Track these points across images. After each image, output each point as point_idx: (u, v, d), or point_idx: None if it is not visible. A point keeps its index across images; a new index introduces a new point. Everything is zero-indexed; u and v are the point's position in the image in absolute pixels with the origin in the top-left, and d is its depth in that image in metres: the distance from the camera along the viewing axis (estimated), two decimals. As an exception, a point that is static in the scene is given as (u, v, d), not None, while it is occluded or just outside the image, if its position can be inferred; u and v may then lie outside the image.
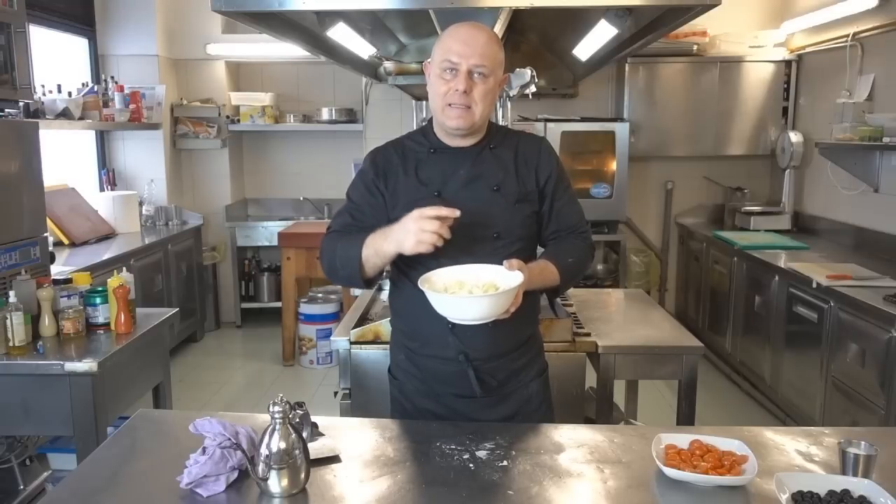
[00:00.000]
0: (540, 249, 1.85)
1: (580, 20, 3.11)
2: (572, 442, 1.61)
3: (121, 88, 5.02)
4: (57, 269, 3.25)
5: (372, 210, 1.75)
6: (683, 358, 2.49)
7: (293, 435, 1.35)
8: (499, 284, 1.56)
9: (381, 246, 1.62)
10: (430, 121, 1.78)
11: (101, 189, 5.26)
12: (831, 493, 1.30)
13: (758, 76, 5.19)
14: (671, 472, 1.40)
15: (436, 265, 1.61)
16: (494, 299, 1.50)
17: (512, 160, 1.75)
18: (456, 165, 1.72)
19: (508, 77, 2.52)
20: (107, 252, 4.28)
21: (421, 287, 1.53)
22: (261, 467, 1.34)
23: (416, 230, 1.53)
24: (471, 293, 1.55)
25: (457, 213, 1.55)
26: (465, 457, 1.52)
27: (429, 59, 1.72)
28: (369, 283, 1.74)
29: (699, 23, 4.71)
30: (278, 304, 5.29)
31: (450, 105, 1.65)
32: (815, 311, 3.48)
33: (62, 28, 4.95)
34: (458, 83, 1.62)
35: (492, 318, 1.53)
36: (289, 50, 5.01)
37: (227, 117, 5.78)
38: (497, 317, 1.53)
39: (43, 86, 4.23)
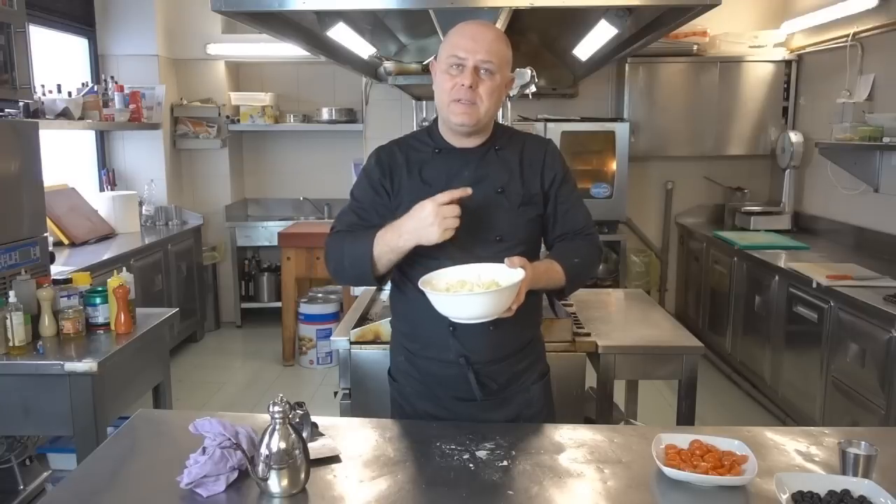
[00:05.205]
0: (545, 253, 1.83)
1: (580, 20, 3.10)
2: (572, 442, 1.60)
3: (121, 88, 5.02)
4: (57, 269, 3.24)
5: (377, 209, 1.74)
6: (683, 358, 2.49)
7: (293, 435, 1.35)
8: (501, 282, 1.54)
9: (396, 242, 1.58)
10: (436, 121, 1.77)
11: (101, 189, 5.26)
12: (831, 493, 1.30)
13: (758, 76, 5.19)
14: (671, 472, 1.40)
15: (437, 266, 1.60)
16: (496, 296, 1.49)
17: (517, 162, 1.73)
18: (461, 166, 1.71)
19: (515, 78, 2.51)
20: (107, 252, 4.27)
21: (422, 288, 1.52)
22: (261, 467, 1.34)
23: (439, 220, 1.51)
24: (472, 291, 1.53)
25: (469, 190, 1.55)
26: (465, 457, 1.52)
27: (435, 58, 1.71)
28: (381, 280, 1.71)
29: (699, 23, 4.71)
30: (278, 304, 5.29)
31: (455, 101, 1.63)
32: (815, 311, 3.48)
33: (62, 28, 4.95)
34: (463, 78, 1.61)
35: (494, 316, 1.52)
36: (289, 50, 5.00)
37: (227, 117, 5.78)
38: (500, 314, 1.52)
39: (43, 86, 4.23)
